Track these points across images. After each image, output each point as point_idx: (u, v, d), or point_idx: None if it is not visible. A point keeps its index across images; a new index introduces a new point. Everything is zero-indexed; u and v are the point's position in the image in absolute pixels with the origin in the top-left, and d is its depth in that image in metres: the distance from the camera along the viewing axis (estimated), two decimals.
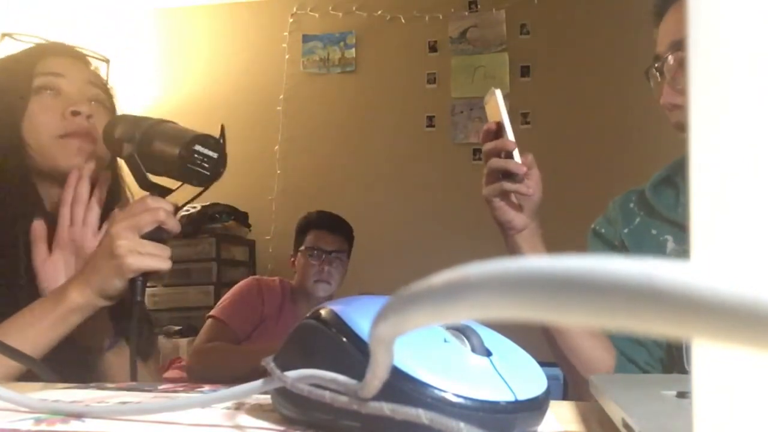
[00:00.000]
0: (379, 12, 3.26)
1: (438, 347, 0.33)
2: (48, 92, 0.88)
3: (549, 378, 0.35)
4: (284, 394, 0.35)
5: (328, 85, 3.33)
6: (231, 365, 1.76)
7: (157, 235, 0.76)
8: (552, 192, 1.01)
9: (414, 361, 0.31)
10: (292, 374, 0.33)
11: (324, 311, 0.36)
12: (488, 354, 0.34)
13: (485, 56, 3.18)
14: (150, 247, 0.75)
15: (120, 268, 0.73)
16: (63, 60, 0.92)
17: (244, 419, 0.38)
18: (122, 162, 0.85)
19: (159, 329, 2.58)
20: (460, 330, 0.35)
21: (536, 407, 0.33)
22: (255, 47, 3.38)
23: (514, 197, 0.84)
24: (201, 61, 3.42)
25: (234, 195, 3.00)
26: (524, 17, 3.16)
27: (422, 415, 0.25)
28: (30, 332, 0.72)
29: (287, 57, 3.34)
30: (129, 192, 0.96)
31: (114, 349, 0.86)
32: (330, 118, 3.29)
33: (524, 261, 0.12)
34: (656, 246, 0.88)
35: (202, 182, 0.77)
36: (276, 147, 3.28)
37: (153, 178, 0.79)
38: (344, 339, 0.33)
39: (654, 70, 0.86)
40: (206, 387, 0.54)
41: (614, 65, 2.91)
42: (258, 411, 0.40)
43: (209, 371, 1.77)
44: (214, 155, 0.77)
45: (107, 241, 0.74)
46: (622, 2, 2.83)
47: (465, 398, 0.30)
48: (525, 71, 3.14)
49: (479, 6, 3.20)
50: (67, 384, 0.58)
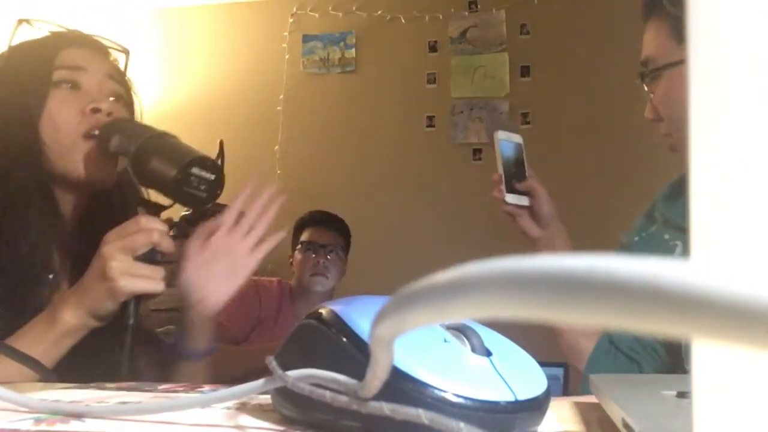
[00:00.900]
0: (379, 12, 3.26)
1: (438, 347, 0.33)
2: (67, 86, 0.82)
3: (549, 378, 0.35)
4: (284, 394, 0.35)
5: (328, 85, 3.33)
6: (228, 366, 1.77)
7: (151, 257, 0.73)
8: (552, 192, 1.02)
9: (414, 361, 0.31)
10: (293, 374, 0.33)
11: (324, 311, 0.36)
12: (488, 354, 0.34)
13: (485, 56, 3.18)
14: (143, 270, 0.72)
15: (112, 291, 0.70)
16: (83, 52, 0.86)
17: (245, 419, 0.38)
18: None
19: (159, 329, 2.57)
20: (460, 330, 0.35)
21: (536, 407, 0.33)
22: (255, 47, 3.38)
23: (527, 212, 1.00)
24: (201, 61, 3.42)
25: (234, 195, 3.00)
26: (524, 17, 3.15)
27: (422, 415, 0.25)
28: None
29: (287, 57, 3.34)
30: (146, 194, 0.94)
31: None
32: (330, 118, 3.29)
33: (525, 260, 0.12)
34: (664, 249, 0.88)
35: (198, 205, 0.75)
36: (276, 147, 3.28)
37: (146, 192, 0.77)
38: (344, 339, 0.33)
39: (646, 77, 0.89)
40: (206, 387, 0.54)
41: (614, 65, 2.91)
42: (258, 411, 0.40)
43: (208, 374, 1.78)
44: (211, 177, 0.74)
45: (99, 263, 0.71)
46: (622, 2, 2.83)
47: (465, 398, 0.30)
48: (525, 71, 3.13)
49: (479, 6, 3.20)
50: (67, 384, 0.58)
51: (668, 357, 0.87)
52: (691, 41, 0.17)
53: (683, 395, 0.36)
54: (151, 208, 0.76)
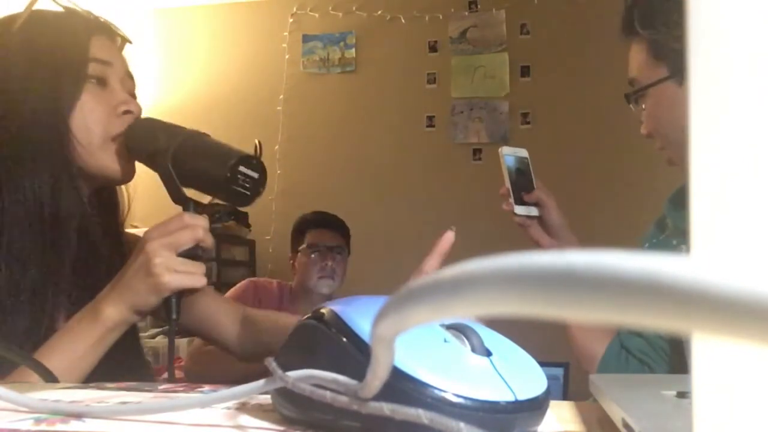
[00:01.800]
0: (379, 12, 3.26)
1: (438, 347, 0.33)
2: (94, 82, 0.80)
3: (549, 378, 0.35)
4: (284, 394, 0.35)
5: (328, 85, 3.33)
6: (226, 369, 1.77)
7: (193, 253, 0.74)
8: (551, 192, 1.03)
9: (414, 361, 0.31)
10: (293, 374, 0.33)
11: (324, 311, 0.36)
12: (488, 354, 0.34)
13: (485, 56, 3.18)
14: (187, 266, 0.73)
15: (157, 287, 0.71)
16: (110, 45, 0.84)
17: (245, 419, 0.38)
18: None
19: (159, 329, 2.58)
20: (460, 330, 0.35)
21: (536, 407, 0.33)
22: (255, 47, 3.38)
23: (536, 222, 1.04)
24: (201, 61, 3.43)
25: None
26: (524, 17, 3.16)
27: (422, 415, 0.25)
28: (72, 356, 0.70)
29: (287, 57, 3.34)
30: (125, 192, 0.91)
31: None
32: (330, 118, 3.29)
33: (525, 256, 0.12)
34: (670, 251, 0.89)
35: (243, 202, 0.76)
36: (276, 147, 3.28)
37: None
38: (344, 339, 0.33)
39: (631, 98, 0.93)
40: (206, 387, 0.54)
41: (614, 65, 2.91)
42: (258, 411, 0.40)
43: (205, 375, 1.78)
44: (256, 175, 0.75)
45: (143, 259, 0.71)
46: (623, 2, 2.83)
47: (465, 398, 0.30)
48: (525, 71, 3.14)
49: (479, 6, 3.20)
50: (67, 384, 0.58)
51: (677, 359, 0.87)
52: (691, 41, 0.17)
53: (683, 395, 0.36)
54: (190, 205, 0.76)
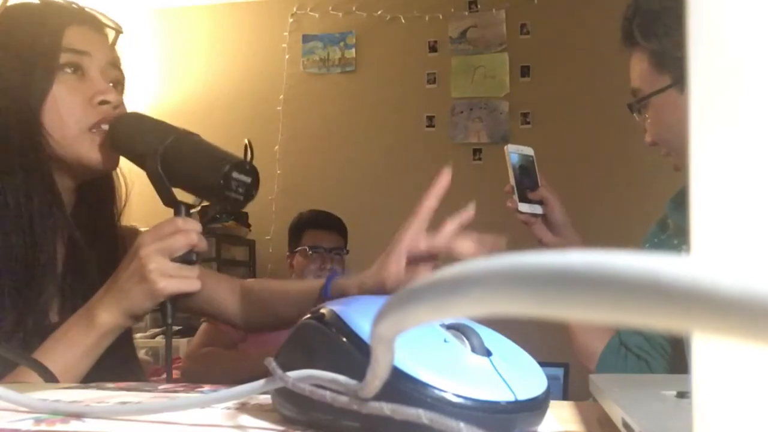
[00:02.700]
0: (379, 12, 3.26)
1: (438, 347, 0.33)
2: (70, 71, 0.78)
3: (549, 378, 0.35)
4: (284, 394, 0.35)
5: (328, 85, 3.33)
6: (224, 371, 1.78)
7: (188, 257, 0.73)
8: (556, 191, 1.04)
9: (414, 361, 0.31)
10: (293, 374, 0.33)
11: (324, 311, 0.36)
12: (488, 354, 0.34)
13: (485, 56, 3.18)
14: (182, 271, 0.72)
15: (152, 293, 0.71)
16: (87, 32, 0.81)
17: (245, 419, 0.38)
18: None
19: (159, 329, 2.58)
20: (460, 330, 0.35)
21: (536, 407, 0.33)
22: (255, 47, 3.38)
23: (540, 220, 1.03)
24: (201, 61, 3.42)
25: None
26: (524, 17, 3.15)
27: (422, 415, 0.25)
28: (66, 362, 0.69)
29: (287, 57, 3.34)
30: (122, 175, 0.88)
31: None
32: (330, 118, 3.29)
33: (526, 256, 0.12)
34: (671, 251, 0.89)
35: (235, 207, 0.75)
36: (276, 147, 3.28)
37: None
38: (344, 339, 0.33)
39: (634, 108, 0.94)
40: (206, 387, 0.54)
41: (614, 65, 2.91)
42: (258, 411, 0.40)
43: (203, 376, 1.78)
44: (248, 180, 0.75)
45: (137, 265, 0.71)
46: (622, 2, 2.83)
47: (465, 398, 0.30)
48: (525, 71, 3.14)
49: (479, 6, 3.20)
50: (67, 384, 0.58)
51: (676, 356, 0.88)
52: (691, 41, 0.17)
53: (683, 395, 0.36)
54: (182, 209, 0.75)
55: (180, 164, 0.74)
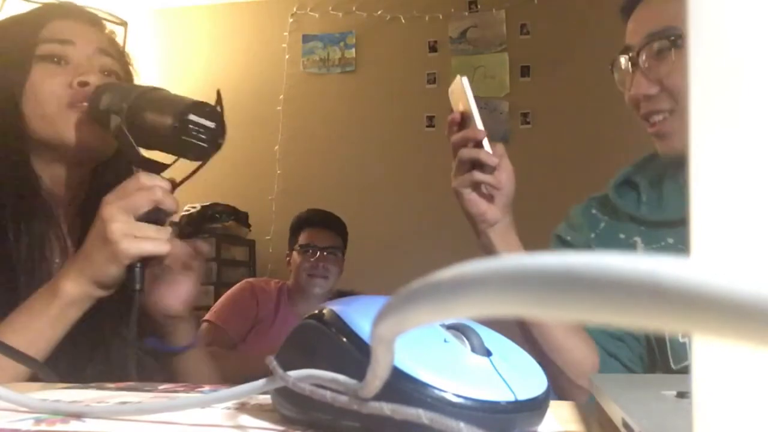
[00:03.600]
0: (379, 12, 3.26)
1: (438, 347, 0.33)
2: (53, 60, 0.78)
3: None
4: (284, 394, 0.35)
5: (328, 85, 3.33)
6: (225, 371, 1.77)
7: (155, 216, 0.68)
8: (551, 192, 1.03)
9: (414, 361, 0.31)
10: (293, 374, 0.33)
11: (324, 311, 0.36)
12: (488, 354, 0.34)
13: (485, 56, 3.18)
14: (147, 230, 0.67)
15: (115, 255, 0.66)
16: (73, 24, 0.81)
17: (245, 419, 0.38)
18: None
19: None
20: (460, 330, 0.35)
21: (536, 407, 0.33)
22: (255, 47, 3.38)
23: (485, 188, 0.81)
24: (201, 61, 3.42)
25: (234, 195, 3.00)
26: (524, 17, 3.16)
27: (422, 415, 0.25)
28: (28, 334, 0.66)
29: (287, 57, 3.34)
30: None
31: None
32: (330, 118, 3.29)
33: (526, 257, 0.12)
34: (626, 249, 0.87)
35: (200, 156, 0.70)
36: (276, 147, 3.28)
37: (146, 153, 0.71)
38: (344, 339, 0.33)
39: (624, 61, 0.83)
40: (206, 387, 0.54)
41: None
42: (258, 411, 0.40)
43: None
44: (212, 125, 0.69)
45: (100, 226, 0.66)
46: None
47: (465, 398, 0.30)
48: (525, 71, 3.14)
49: (479, 6, 3.20)
50: (67, 384, 0.58)
51: (645, 346, 0.86)
52: (691, 41, 0.17)
53: (683, 395, 0.36)
54: (151, 167, 0.70)
55: (139, 117, 0.69)
